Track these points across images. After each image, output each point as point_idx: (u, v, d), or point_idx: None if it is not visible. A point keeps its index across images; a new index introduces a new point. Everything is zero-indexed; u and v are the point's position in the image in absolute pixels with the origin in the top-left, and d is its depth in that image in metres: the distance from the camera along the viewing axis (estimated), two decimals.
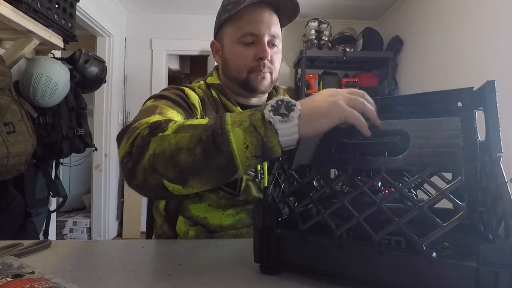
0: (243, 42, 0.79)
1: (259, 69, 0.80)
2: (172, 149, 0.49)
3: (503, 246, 0.31)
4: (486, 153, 0.47)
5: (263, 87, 0.82)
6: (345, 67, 3.31)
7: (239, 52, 0.80)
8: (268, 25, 0.79)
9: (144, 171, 0.51)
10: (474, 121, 0.50)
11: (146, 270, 0.52)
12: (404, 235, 0.39)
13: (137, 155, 0.51)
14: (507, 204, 0.38)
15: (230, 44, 0.82)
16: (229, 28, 0.82)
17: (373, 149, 0.53)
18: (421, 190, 0.60)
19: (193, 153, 0.48)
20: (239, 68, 0.81)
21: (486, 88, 0.47)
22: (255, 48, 0.79)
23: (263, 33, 0.78)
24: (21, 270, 0.44)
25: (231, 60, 0.83)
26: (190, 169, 0.48)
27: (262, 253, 0.50)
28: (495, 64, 1.83)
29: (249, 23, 0.78)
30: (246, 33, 0.78)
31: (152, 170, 0.50)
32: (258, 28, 0.78)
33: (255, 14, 0.79)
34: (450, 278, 0.36)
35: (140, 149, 0.51)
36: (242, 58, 0.80)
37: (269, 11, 0.80)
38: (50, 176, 1.83)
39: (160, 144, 0.50)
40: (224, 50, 0.85)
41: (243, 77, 0.81)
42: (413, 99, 0.55)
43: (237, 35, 0.80)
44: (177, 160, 0.48)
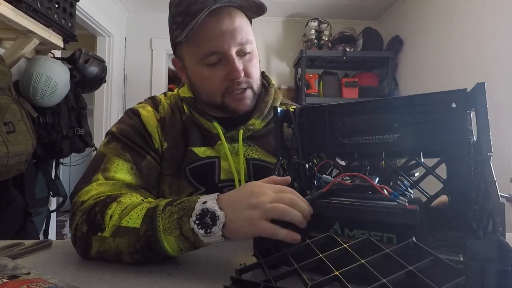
0: (207, 63, 0.67)
1: (234, 89, 0.69)
2: (114, 251, 0.54)
3: (489, 242, 0.32)
4: (478, 153, 0.48)
5: (244, 107, 0.72)
6: (345, 67, 3.31)
7: (206, 76, 0.69)
8: (232, 35, 0.65)
9: (96, 258, 0.56)
10: (468, 121, 0.51)
11: (146, 270, 0.53)
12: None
13: (82, 248, 0.57)
14: (495, 203, 0.40)
15: (192, 67, 0.71)
16: (186, 48, 0.70)
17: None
18: (417, 190, 0.60)
19: (133, 256, 0.53)
20: (210, 93, 0.71)
21: (477, 90, 0.48)
22: (223, 67, 0.67)
23: (227, 48, 0.65)
24: (16, 271, 0.44)
25: (199, 84, 0.72)
26: (134, 264, 0.55)
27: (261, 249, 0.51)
28: (496, 63, 1.83)
29: (207, 40, 0.65)
30: (207, 53, 0.66)
31: (102, 259, 0.56)
32: (220, 43, 0.65)
33: (212, 26, 0.64)
34: (441, 272, 0.37)
35: (83, 244, 0.56)
36: (211, 82, 0.69)
37: (229, 14, 0.66)
38: (50, 176, 1.83)
39: (102, 244, 0.55)
40: (188, 73, 0.74)
41: (218, 101, 0.72)
42: (408, 100, 0.56)
43: (197, 57, 0.68)
44: (122, 259, 0.54)
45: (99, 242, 0.55)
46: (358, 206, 0.49)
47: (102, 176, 0.65)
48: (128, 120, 0.74)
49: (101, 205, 0.57)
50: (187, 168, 0.72)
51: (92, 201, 0.59)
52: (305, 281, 0.38)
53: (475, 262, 0.32)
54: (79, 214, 0.58)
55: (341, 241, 0.44)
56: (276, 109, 0.66)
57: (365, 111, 0.62)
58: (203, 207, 0.50)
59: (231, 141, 0.75)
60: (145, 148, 0.72)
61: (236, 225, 0.49)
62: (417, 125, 0.55)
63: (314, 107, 0.69)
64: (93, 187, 0.63)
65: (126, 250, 0.53)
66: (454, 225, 0.52)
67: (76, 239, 0.57)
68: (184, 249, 0.52)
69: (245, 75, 0.69)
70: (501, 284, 0.31)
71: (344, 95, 3.11)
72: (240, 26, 0.67)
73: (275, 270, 0.48)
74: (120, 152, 0.69)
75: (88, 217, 0.57)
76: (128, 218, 0.54)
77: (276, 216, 0.48)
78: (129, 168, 0.68)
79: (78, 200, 0.61)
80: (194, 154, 0.73)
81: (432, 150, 0.56)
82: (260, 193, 0.50)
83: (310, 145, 0.69)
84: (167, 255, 0.53)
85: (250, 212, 0.48)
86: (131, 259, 0.54)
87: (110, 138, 0.72)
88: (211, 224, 0.49)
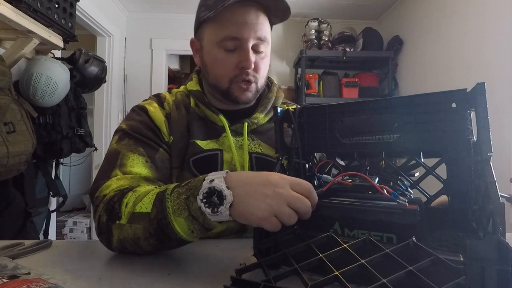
0: (224, 47, 0.70)
1: (241, 79, 0.72)
2: (132, 237, 0.56)
3: (489, 242, 0.32)
4: (478, 153, 0.48)
5: (245, 98, 0.75)
6: (345, 67, 3.31)
7: (220, 58, 0.72)
8: (253, 28, 0.69)
9: (118, 248, 0.59)
10: (468, 121, 0.51)
11: (147, 270, 0.53)
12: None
13: (106, 238, 0.59)
14: (494, 202, 0.40)
15: (209, 47, 0.73)
16: (208, 28, 0.73)
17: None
18: (417, 190, 0.60)
19: (149, 242, 0.55)
20: (219, 76, 0.74)
21: (477, 90, 0.48)
22: (237, 55, 0.71)
23: (247, 38, 0.69)
24: (16, 271, 0.44)
25: (211, 66, 0.75)
26: (154, 250, 0.57)
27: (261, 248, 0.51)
28: (496, 63, 1.83)
29: (231, 25, 0.69)
30: (227, 37, 0.69)
31: (124, 249, 0.59)
32: (242, 31, 0.69)
33: (239, 14, 0.69)
34: (441, 272, 0.37)
35: (105, 233, 0.59)
36: (222, 66, 0.72)
37: (256, 11, 0.70)
38: (50, 176, 1.83)
39: (121, 232, 0.57)
40: (203, 53, 0.76)
41: (224, 87, 0.74)
42: (408, 100, 0.56)
43: (217, 38, 0.71)
44: (140, 245, 0.56)
45: (118, 230, 0.56)
46: (358, 206, 0.49)
47: (120, 171, 0.67)
48: (137, 117, 0.76)
49: (119, 195, 0.60)
50: (190, 160, 0.74)
51: (112, 193, 0.62)
52: (305, 281, 0.38)
53: (475, 262, 0.32)
54: (101, 206, 0.61)
55: (341, 241, 0.44)
56: (276, 109, 0.66)
57: (365, 111, 0.62)
58: (210, 186, 0.49)
59: (235, 135, 0.78)
60: (157, 141, 0.74)
61: (245, 209, 0.48)
62: (417, 125, 0.55)
63: (314, 107, 0.69)
64: (113, 181, 0.65)
65: (143, 236, 0.55)
66: (454, 225, 0.52)
67: (100, 230, 0.60)
68: (195, 231, 0.52)
69: (255, 69, 0.73)
70: (501, 284, 0.31)
71: (344, 95, 3.11)
72: (262, 24, 0.71)
73: (275, 270, 0.48)
74: (133, 147, 0.71)
75: (107, 207, 0.59)
76: (141, 204, 0.56)
77: (285, 220, 0.47)
78: (144, 161, 0.70)
79: (100, 195, 0.63)
80: (197, 147, 0.75)
81: (432, 150, 0.56)
82: (278, 185, 0.48)
83: (310, 145, 0.69)
84: (181, 239, 0.53)
85: (262, 203, 0.47)
86: (149, 245, 0.55)
87: (121, 135, 0.74)
88: (218, 203, 0.48)
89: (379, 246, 0.41)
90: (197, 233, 0.53)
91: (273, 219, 0.46)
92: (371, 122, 0.63)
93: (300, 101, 3.01)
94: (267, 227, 0.47)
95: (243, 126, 0.78)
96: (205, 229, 0.52)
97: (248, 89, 0.74)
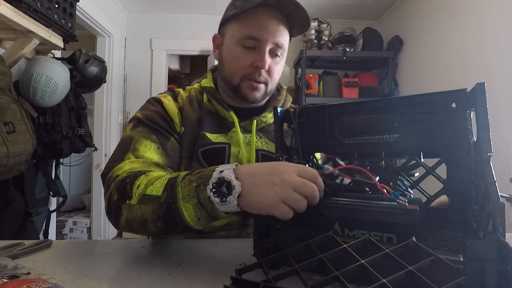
0: (244, 44, 0.75)
1: (253, 78, 0.76)
2: (140, 218, 0.57)
3: (489, 242, 0.32)
4: (478, 153, 0.48)
5: (253, 98, 0.79)
6: (345, 67, 3.31)
7: (237, 54, 0.76)
8: (273, 33, 0.74)
9: (125, 228, 0.61)
10: (468, 121, 0.51)
11: (146, 270, 0.53)
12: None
13: (115, 216, 0.61)
14: (494, 202, 0.40)
15: (230, 43, 0.78)
16: (233, 25, 0.78)
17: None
18: (417, 190, 0.60)
19: (156, 224, 0.56)
20: (233, 71, 0.78)
21: (477, 90, 0.48)
22: (254, 54, 0.75)
23: (266, 40, 0.74)
24: (16, 271, 0.44)
25: (227, 60, 0.79)
26: (159, 233, 0.59)
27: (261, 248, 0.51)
28: (496, 64, 1.83)
29: (253, 26, 0.74)
30: (248, 35, 0.74)
31: (130, 229, 0.60)
32: (261, 33, 0.73)
33: (263, 18, 0.74)
34: (441, 272, 0.37)
35: (115, 212, 0.61)
36: (238, 62, 0.76)
37: (279, 19, 0.75)
38: (50, 176, 1.83)
39: (130, 212, 0.58)
40: (223, 48, 0.81)
41: (235, 82, 0.78)
42: (408, 100, 0.56)
43: (239, 36, 0.76)
44: (146, 227, 0.57)
45: (127, 210, 0.58)
46: (358, 206, 0.49)
47: (132, 155, 0.70)
48: (152, 107, 0.80)
49: (132, 177, 0.62)
50: (199, 150, 0.78)
51: (125, 174, 0.64)
52: (305, 281, 0.38)
53: (475, 262, 0.32)
54: (113, 185, 0.63)
55: (341, 241, 0.44)
56: (276, 109, 0.67)
57: (365, 111, 0.62)
58: (220, 176, 0.50)
59: (243, 132, 0.82)
60: (169, 131, 0.78)
61: (253, 199, 0.49)
62: (417, 125, 0.55)
63: (314, 107, 0.69)
64: (125, 164, 0.68)
65: (151, 218, 0.56)
66: (454, 225, 0.52)
67: (109, 208, 0.62)
68: (202, 218, 0.53)
69: (268, 71, 0.77)
70: (501, 284, 0.31)
71: (344, 95, 3.11)
72: (282, 32, 0.76)
73: (275, 270, 0.48)
74: (147, 134, 0.74)
75: (119, 187, 0.61)
76: (152, 187, 0.57)
77: (294, 205, 0.48)
78: (156, 148, 0.73)
79: (113, 175, 0.66)
80: (207, 139, 0.79)
81: (432, 150, 0.56)
82: (284, 172, 0.49)
83: (310, 145, 0.69)
84: (187, 225, 0.54)
85: (269, 191, 0.48)
86: (155, 227, 0.56)
87: (136, 123, 0.77)
88: (226, 193, 0.49)
89: (379, 246, 0.41)
90: (203, 221, 0.54)
91: (282, 205, 0.47)
92: (371, 122, 0.63)
93: (300, 101, 3.01)
94: (278, 214, 0.48)
95: (252, 123, 0.82)
96: (211, 217, 0.53)
97: (258, 89, 0.78)
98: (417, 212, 0.44)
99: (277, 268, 0.50)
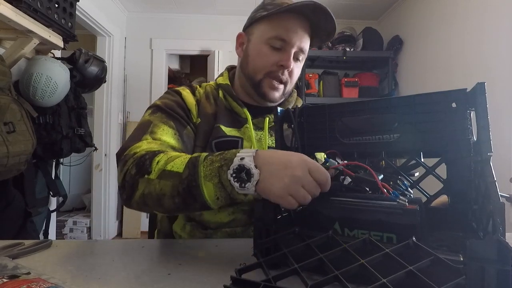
0: (271, 44, 0.79)
1: (276, 76, 0.80)
2: (157, 193, 0.58)
3: (489, 242, 0.32)
4: (478, 153, 0.48)
5: (273, 97, 0.82)
6: (345, 67, 3.31)
7: (264, 52, 0.80)
8: (300, 38, 0.79)
9: (137, 204, 0.62)
10: (468, 121, 0.51)
11: (146, 270, 0.53)
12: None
13: (129, 191, 0.62)
14: (494, 202, 0.40)
15: (257, 41, 0.82)
16: (262, 25, 0.82)
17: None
18: (417, 190, 0.60)
19: (174, 200, 0.57)
20: (258, 68, 0.81)
21: (477, 89, 0.48)
22: (280, 55, 0.79)
23: (293, 43, 0.78)
24: (16, 271, 0.44)
25: (253, 57, 0.83)
26: (173, 210, 0.59)
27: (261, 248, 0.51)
28: (496, 64, 1.83)
29: (283, 28, 0.78)
30: (277, 36, 0.78)
31: (144, 204, 0.61)
32: (290, 36, 0.78)
33: (293, 22, 0.78)
34: (441, 272, 0.37)
35: (130, 186, 0.61)
36: (264, 60, 0.80)
37: (306, 26, 0.80)
38: (50, 176, 1.83)
39: (147, 186, 0.59)
40: (249, 45, 0.85)
41: (258, 78, 0.82)
42: (408, 100, 0.56)
43: (267, 35, 0.80)
44: (162, 203, 0.58)
45: (145, 184, 0.59)
46: (358, 206, 0.49)
47: (150, 137, 0.72)
48: (171, 97, 0.84)
49: (151, 154, 0.63)
50: (213, 141, 0.81)
51: (143, 151, 0.66)
52: (305, 281, 0.38)
53: (475, 262, 0.32)
54: (131, 160, 0.64)
55: (341, 241, 0.44)
56: (276, 109, 0.67)
57: (365, 111, 0.62)
58: (240, 163, 0.53)
59: (256, 129, 0.85)
60: (186, 119, 0.81)
61: (266, 186, 0.51)
62: (417, 125, 0.55)
63: (314, 107, 0.69)
64: (143, 143, 0.70)
65: (169, 193, 0.57)
66: (454, 225, 0.52)
67: (124, 182, 0.63)
68: (220, 198, 0.55)
69: (290, 72, 0.81)
70: (501, 284, 0.31)
71: (344, 95, 3.11)
72: (307, 38, 0.81)
73: (275, 270, 0.48)
74: (165, 120, 0.77)
75: (138, 162, 0.62)
76: (172, 164, 0.59)
77: (299, 200, 0.50)
78: (173, 133, 0.76)
79: (130, 152, 0.67)
80: (221, 131, 0.82)
81: (432, 150, 0.56)
82: (298, 168, 0.51)
83: (310, 145, 0.69)
84: (205, 203, 0.55)
85: (281, 183, 0.51)
86: (172, 204, 0.57)
87: (155, 109, 0.80)
88: (246, 180, 0.52)
89: (379, 246, 0.41)
90: (221, 201, 0.55)
91: (288, 198, 0.50)
92: (371, 122, 0.63)
93: None
94: (284, 204, 0.51)
95: (264, 120, 0.85)
96: (230, 198, 0.55)
97: (277, 89, 0.82)
98: (417, 212, 0.44)
99: (277, 268, 0.50)
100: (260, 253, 0.50)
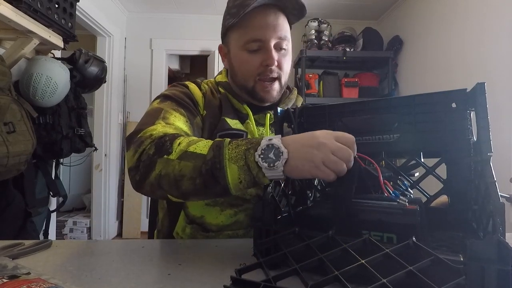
0: (248, 49, 0.78)
1: (265, 76, 0.78)
2: (176, 174, 0.56)
3: (489, 242, 0.32)
4: (478, 153, 0.48)
5: (270, 97, 0.81)
6: (345, 67, 3.31)
7: (245, 59, 0.79)
8: (274, 29, 0.76)
9: (151, 185, 0.59)
10: (468, 121, 0.51)
11: (146, 270, 0.53)
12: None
13: (144, 171, 0.59)
14: (494, 202, 0.40)
15: (235, 50, 0.81)
16: (234, 33, 0.81)
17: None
18: (417, 190, 0.60)
19: (194, 182, 0.55)
20: (245, 76, 0.80)
21: (477, 90, 0.48)
22: (261, 55, 0.77)
23: (268, 38, 0.76)
24: (16, 271, 0.44)
25: (238, 67, 0.82)
26: (191, 193, 0.57)
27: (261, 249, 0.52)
28: (496, 63, 1.83)
29: (253, 28, 0.76)
30: (250, 39, 0.76)
31: (158, 187, 0.59)
32: (263, 33, 0.76)
33: (260, 18, 0.76)
34: (441, 272, 0.37)
35: (147, 166, 0.59)
36: (248, 66, 0.79)
37: (275, 12, 0.77)
38: (50, 176, 1.83)
39: (166, 167, 0.57)
40: (230, 56, 0.84)
41: (250, 85, 0.81)
42: (409, 100, 0.56)
43: (241, 42, 0.78)
44: (180, 184, 0.56)
45: (163, 164, 0.57)
46: (358, 206, 0.49)
47: (163, 122, 0.69)
48: (179, 89, 0.83)
49: (171, 136, 0.61)
50: (218, 134, 0.80)
51: (161, 133, 0.63)
52: (305, 281, 0.38)
53: (475, 262, 0.32)
54: (148, 140, 0.62)
55: (341, 241, 0.44)
56: (276, 109, 0.67)
57: (365, 111, 0.62)
58: (269, 143, 0.53)
59: (257, 125, 0.84)
60: (196, 110, 0.80)
61: (297, 163, 0.51)
62: (417, 125, 0.55)
63: (314, 107, 0.69)
64: (158, 126, 0.67)
65: (189, 175, 0.56)
66: (454, 225, 0.52)
67: (139, 162, 0.60)
68: (244, 181, 0.54)
69: (278, 66, 0.79)
70: (501, 284, 0.31)
71: (344, 95, 3.11)
72: (282, 24, 0.78)
73: (275, 270, 0.48)
74: (175, 107, 0.75)
75: (158, 142, 0.60)
76: (195, 146, 0.58)
77: (333, 167, 0.50)
78: (184, 120, 0.74)
79: (146, 134, 0.64)
80: (226, 123, 0.81)
81: (432, 150, 0.56)
82: (323, 137, 0.51)
83: None
84: (226, 186, 0.54)
85: (310, 154, 0.51)
86: (191, 185, 0.56)
87: (163, 98, 0.78)
88: (274, 159, 0.52)
89: (379, 246, 0.41)
90: (244, 184, 0.54)
91: (323, 167, 0.50)
92: (371, 122, 0.63)
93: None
94: (320, 175, 0.51)
95: (266, 117, 0.84)
96: (253, 182, 0.54)
97: (272, 88, 0.80)
98: (417, 212, 0.44)
99: (277, 268, 0.50)
100: (260, 253, 0.50)
